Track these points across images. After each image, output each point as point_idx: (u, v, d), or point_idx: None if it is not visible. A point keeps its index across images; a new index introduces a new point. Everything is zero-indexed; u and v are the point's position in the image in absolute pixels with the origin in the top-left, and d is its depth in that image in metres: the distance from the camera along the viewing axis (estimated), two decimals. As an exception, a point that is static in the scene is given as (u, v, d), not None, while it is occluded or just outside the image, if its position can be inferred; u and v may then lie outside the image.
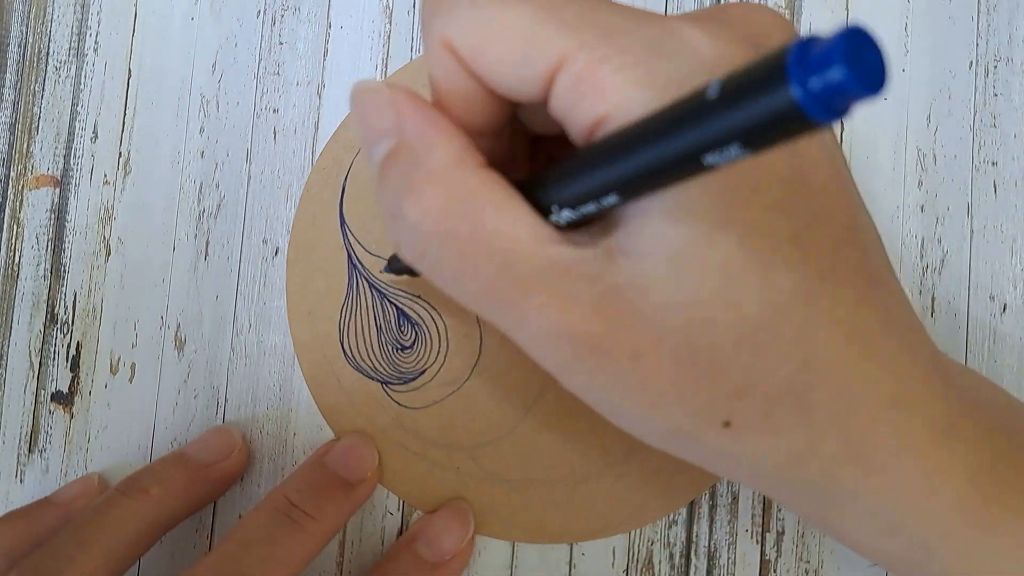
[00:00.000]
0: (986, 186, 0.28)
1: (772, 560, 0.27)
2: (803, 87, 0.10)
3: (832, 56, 0.10)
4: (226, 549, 0.24)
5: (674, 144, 0.13)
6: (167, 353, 0.31)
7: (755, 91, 0.11)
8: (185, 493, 0.27)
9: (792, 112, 0.11)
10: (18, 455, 0.31)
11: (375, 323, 0.29)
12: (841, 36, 0.10)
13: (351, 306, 0.29)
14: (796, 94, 0.11)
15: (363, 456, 0.28)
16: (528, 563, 0.28)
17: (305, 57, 0.31)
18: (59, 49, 0.32)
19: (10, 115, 0.32)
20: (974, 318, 0.27)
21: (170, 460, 0.28)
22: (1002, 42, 0.28)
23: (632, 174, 0.14)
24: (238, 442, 0.29)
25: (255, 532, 0.25)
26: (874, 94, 0.10)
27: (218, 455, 0.28)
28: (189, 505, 0.27)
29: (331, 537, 0.27)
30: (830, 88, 0.10)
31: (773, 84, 0.11)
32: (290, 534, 0.25)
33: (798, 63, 0.11)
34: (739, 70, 0.12)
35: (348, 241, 0.30)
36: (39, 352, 0.31)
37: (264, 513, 0.25)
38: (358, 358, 0.29)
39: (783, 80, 0.11)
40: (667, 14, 0.29)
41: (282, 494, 0.26)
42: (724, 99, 0.12)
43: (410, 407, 0.29)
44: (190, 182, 0.31)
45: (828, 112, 0.11)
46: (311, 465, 0.28)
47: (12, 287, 0.32)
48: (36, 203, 0.32)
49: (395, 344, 0.29)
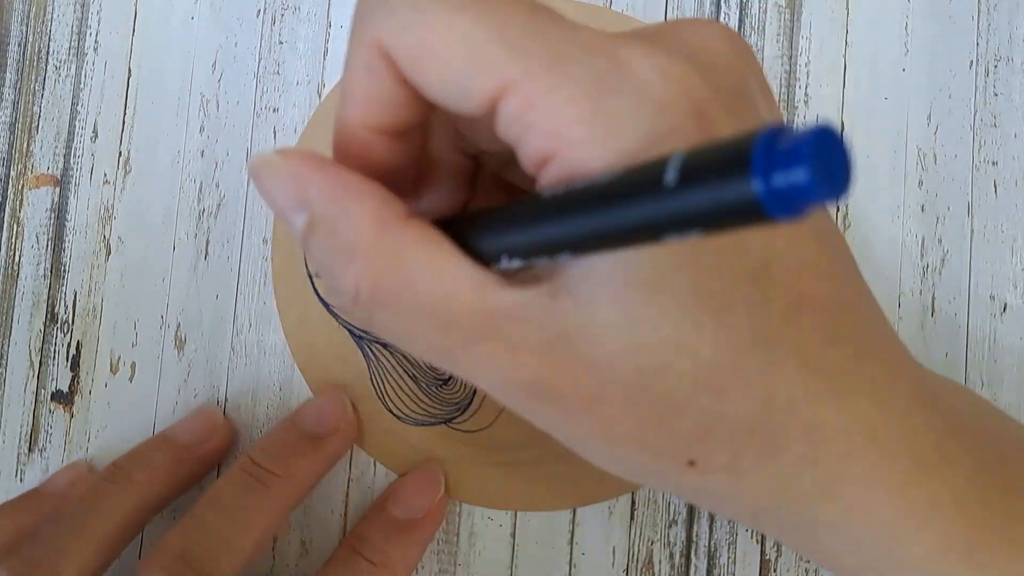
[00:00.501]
0: (986, 186, 0.28)
1: (772, 560, 0.27)
2: (765, 183, 0.10)
3: (798, 156, 0.10)
4: (195, 512, 0.25)
5: (632, 219, 0.13)
6: (167, 352, 0.31)
7: (716, 179, 0.11)
8: (170, 475, 0.27)
9: (751, 205, 0.10)
10: (18, 454, 0.31)
11: (407, 373, 0.29)
12: (809, 135, 0.10)
13: (377, 372, 0.29)
14: (757, 189, 0.10)
15: (332, 408, 0.28)
16: (529, 563, 0.28)
17: (305, 56, 0.31)
18: (59, 48, 0.32)
19: (10, 114, 0.32)
20: (974, 318, 0.27)
21: (153, 444, 0.28)
22: (1002, 42, 0.28)
23: (588, 239, 0.14)
24: (219, 421, 0.29)
25: (223, 495, 0.25)
26: (835, 198, 0.10)
27: (200, 435, 0.28)
28: (175, 487, 0.28)
29: (303, 494, 0.27)
30: (792, 188, 0.10)
31: (735, 174, 0.11)
32: (257, 493, 0.25)
33: (763, 156, 0.10)
34: (700, 151, 0.11)
35: (339, 320, 0.30)
36: (39, 351, 0.31)
37: (230, 476, 0.26)
38: (411, 414, 0.29)
39: (745, 171, 0.10)
40: (666, 14, 0.29)
41: (248, 456, 0.26)
42: (684, 183, 0.11)
43: (481, 428, 0.29)
44: (190, 181, 0.31)
45: (787, 210, 0.10)
46: (280, 426, 0.28)
47: (12, 286, 0.32)
48: (36, 202, 0.32)
49: (435, 383, 0.29)
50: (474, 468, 0.29)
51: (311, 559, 0.29)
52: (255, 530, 0.25)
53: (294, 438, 0.27)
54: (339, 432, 0.28)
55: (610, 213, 0.13)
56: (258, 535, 0.25)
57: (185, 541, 0.24)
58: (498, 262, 0.16)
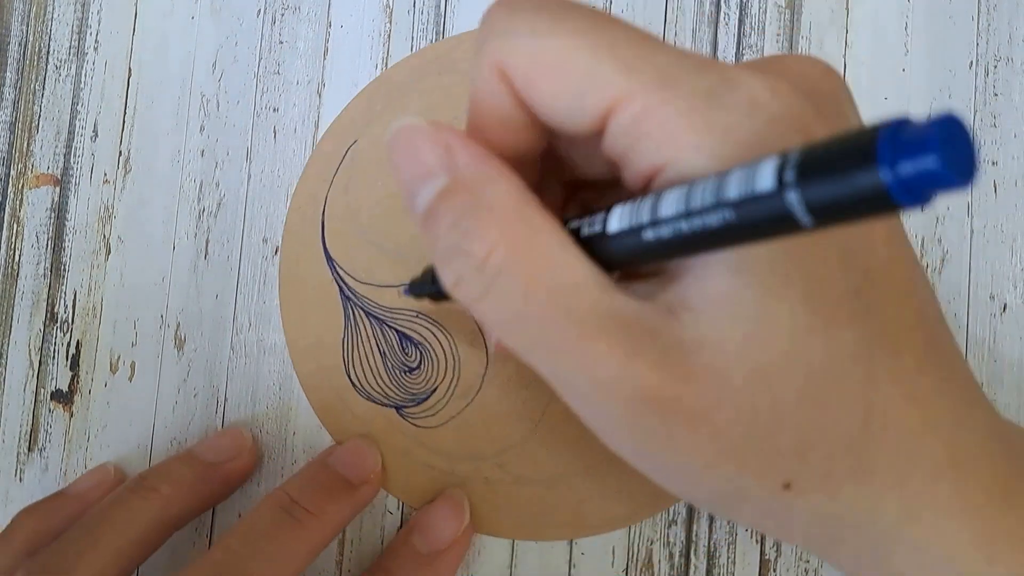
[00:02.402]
0: (986, 186, 0.28)
1: (772, 560, 0.27)
2: (892, 171, 0.10)
3: (927, 144, 0.10)
4: (228, 544, 0.24)
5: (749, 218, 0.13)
6: (167, 352, 0.31)
7: (839, 169, 0.11)
8: (193, 492, 0.27)
9: (877, 195, 0.11)
10: (18, 454, 0.31)
11: (378, 350, 0.29)
12: (936, 123, 0.10)
13: (351, 337, 0.29)
14: (886, 178, 0.10)
15: (367, 457, 0.28)
16: (528, 563, 0.28)
17: (305, 56, 0.31)
18: (59, 48, 0.32)
19: (10, 114, 0.32)
20: (974, 318, 0.27)
21: (180, 459, 0.28)
22: (1002, 42, 0.28)
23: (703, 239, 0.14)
24: (248, 442, 0.29)
25: (257, 528, 0.25)
26: (964, 185, 0.10)
27: (227, 455, 0.28)
28: (198, 504, 0.27)
29: (332, 536, 0.27)
30: (921, 176, 0.10)
31: (860, 165, 0.11)
32: (292, 531, 0.25)
33: (889, 146, 0.10)
34: (822, 144, 0.12)
35: (337, 275, 0.30)
36: (39, 351, 0.31)
37: (266, 510, 0.25)
38: (368, 387, 0.29)
39: (872, 162, 0.10)
40: (666, 14, 0.29)
41: (284, 491, 0.26)
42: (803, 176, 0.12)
43: (428, 427, 0.29)
44: (190, 181, 0.31)
45: (914, 198, 0.10)
46: (314, 465, 0.28)
47: (12, 286, 0.32)
48: (36, 202, 0.32)
49: (402, 367, 0.29)
50: (406, 462, 0.29)
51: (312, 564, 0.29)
52: (288, 568, 0.25)
53: (329, 480, 0.27)
54: (370, 483, 0.28)
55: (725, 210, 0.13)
56: (289, 573, 0.25)
57: (217, 569, 0.24)
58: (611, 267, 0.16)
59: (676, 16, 0.29)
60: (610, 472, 0.28)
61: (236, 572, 0.24)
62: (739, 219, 0.13)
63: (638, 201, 0.16)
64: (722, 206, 0.13)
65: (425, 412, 0.29)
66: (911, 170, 0.10)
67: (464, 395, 0.29)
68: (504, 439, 0.28)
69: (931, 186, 0.10)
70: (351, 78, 0.31)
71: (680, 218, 0.14)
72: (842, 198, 0.11)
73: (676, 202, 0.15)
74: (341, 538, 0.29)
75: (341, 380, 0.29)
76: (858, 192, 0.11)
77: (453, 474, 0.28)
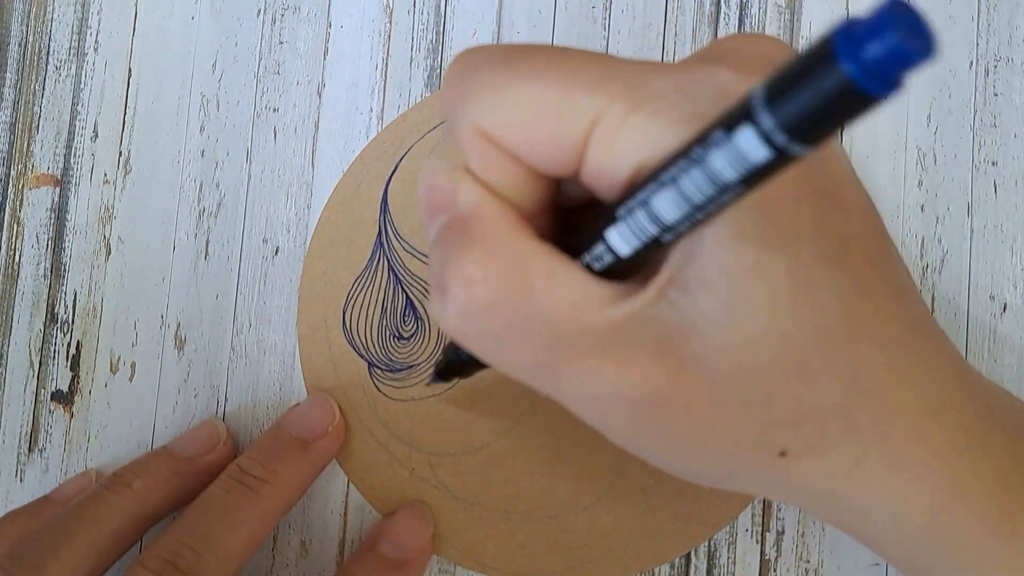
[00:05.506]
0: (986, 186, 0.28)
1: (772, 559, 0.27)
2: (855, 62, 0.10)
3: (879, 26, 0.10)
4: (183, 517, 0.25)
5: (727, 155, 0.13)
6: (167, 352, 0.31)
7: (804, 79, 0.11)
8: (169, 486, 0.27)
9: (846, 90, 0.11)
10: (18, 454, 0.31)
11: (382, 304, 0.29)
12: (883, 8, 0.10)
13: (365, 280, 0.29)
14: (850, 69, 0.10)
15: (319, 414, 0.28)
16: (528, 562, 0.28)
17: (305, 56, 0.31)
18: (59, 48, 0.32)
19: (10, 114, 0.32)
20: (974, 318, 0.27)
21: (155, 455, 0.28)
22: (1002, 42, 0.28)
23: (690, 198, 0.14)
24: (223, 435, 0.29)
25: (211, 502, 0.26)
26: (927, 58, 0.10)
27: (203, 448, 0.28)
28: (174, 498, 0.28)
29: (295, 497, 0.27)
30: (884, 57, 0.10)
31: (822, 67, 0.11)
32: (246, 498, 0.26)
33: (845, 40, 0.10)
34: (780, 66, 0.12)
35: (384, 219, 0.30)
36: (39, 351, 0.31)
37: (219, 483, 0.26)
38: (354, 333, 0.29)
39: (832, 59, 0.10)
40: (667, 14, 0.29)
41: (236, 464, 0.27)
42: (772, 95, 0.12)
43: (388, 397, 0.29)
44: (190, 181, 0.31)
45: (883, 84, 0.10)
46: (267, 433, 0.28)
47: (12, 286, 0.32)
48: (36, 202, 0.32)
49: (394, 333, 0.29)
50: (357, 430, 0.29)
51: (311, 559, 0.29)
52: (243, 535, 0.25)
53: (282, 444, 0.27)
54: (327, 436, 0.28)
55: (703, 156, 0.13)
56: (246, 541, 0.25)
57: (173, 545, 0.24)
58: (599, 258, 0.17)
59: (676, 16, 0.29)
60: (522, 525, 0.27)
61: (197, 543, 0.24)
62: (741, 178, 0.13)
63: (633, 212, 0.16)
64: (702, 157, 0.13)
65: (392, 382, 0.29)
66: (872, 54, 0.10)
67: (434, 387, 0.29)
68: (447, 444, 0.28)
69: (895, 65, 0.10)
70: (351, 78, 0.31)
71: (686, 220, 0.15)
72: (817, 106, 0.11)
73: (673, 204, 0.15)
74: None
75: (335, 315, 0.29)
76: (828, 93, 0.11)
77: (386, 449, 0.29)
